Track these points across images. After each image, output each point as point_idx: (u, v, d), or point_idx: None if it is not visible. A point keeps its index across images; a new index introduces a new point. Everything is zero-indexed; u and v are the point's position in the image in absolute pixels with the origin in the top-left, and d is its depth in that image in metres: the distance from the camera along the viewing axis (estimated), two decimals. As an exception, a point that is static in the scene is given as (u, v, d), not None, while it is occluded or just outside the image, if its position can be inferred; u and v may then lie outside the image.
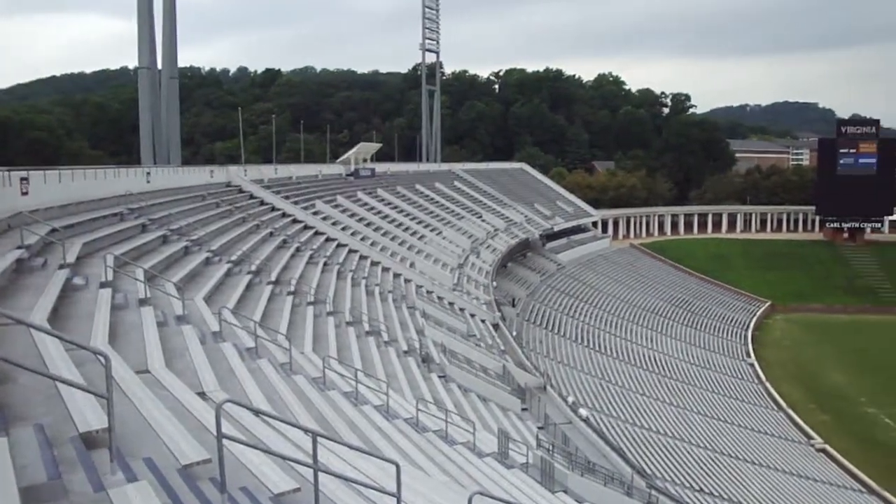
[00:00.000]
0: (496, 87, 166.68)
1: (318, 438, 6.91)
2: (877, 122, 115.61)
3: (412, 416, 19.11)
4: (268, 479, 7.36)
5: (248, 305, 22.94)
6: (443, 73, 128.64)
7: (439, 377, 28.76)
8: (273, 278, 28.15)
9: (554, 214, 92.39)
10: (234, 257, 28.39)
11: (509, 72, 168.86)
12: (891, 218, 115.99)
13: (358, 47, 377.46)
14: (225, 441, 6.32)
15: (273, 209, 44.76)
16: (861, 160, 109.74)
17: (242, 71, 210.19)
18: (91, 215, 23.61)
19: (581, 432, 31.53)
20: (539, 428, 28.98)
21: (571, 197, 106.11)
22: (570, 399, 38.07)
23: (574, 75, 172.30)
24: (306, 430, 7.83)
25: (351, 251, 44.05)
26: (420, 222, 62.07)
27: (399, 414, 18.75)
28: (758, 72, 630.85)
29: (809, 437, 50.83)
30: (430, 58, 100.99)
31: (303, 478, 7.51)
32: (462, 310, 44.82)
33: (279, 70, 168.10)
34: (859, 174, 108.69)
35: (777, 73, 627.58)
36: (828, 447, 48.86)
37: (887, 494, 41.58)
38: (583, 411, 35.74)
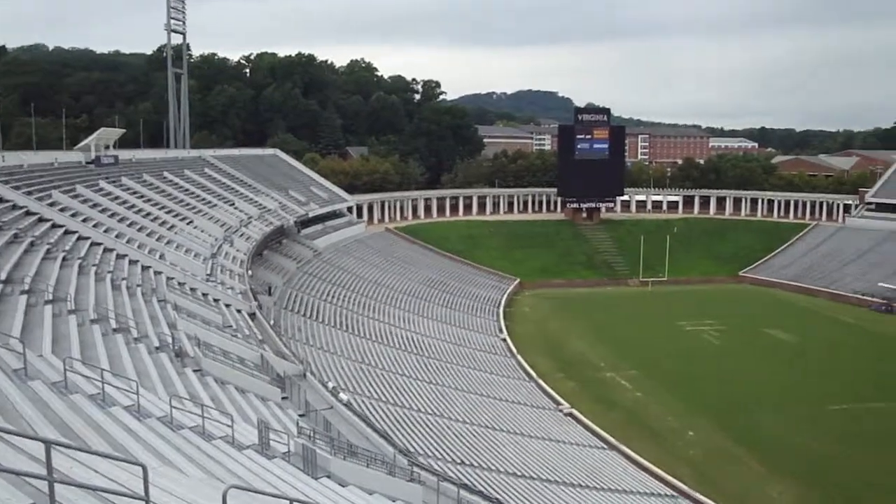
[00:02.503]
0: (247, 71, 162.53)
1: (60, 447, 6.38)
2: (608, 110, 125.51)
3: (166, 414, 18.26)
4: (-5, 497, 6.70)
5: (-27, 308, 20.87)
6: (190, 56, 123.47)
7: (194, 371, 27.69)
8: (3, 277, 25.76)
9: (309, 200, 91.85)
10: (-45, 255, 25.69)
11: (260, 56, 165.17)
12: (622, 198, 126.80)
13: (95, 26, 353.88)
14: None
15: (2, 201, 40.92)
16: (595, 145, 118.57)
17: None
18: None
19: (343, 417, 31.65)
20: (300, 415, 28.75)
21: (326, 183, 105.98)
22: (331, 384, 38.11)
23: (326, 60, 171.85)
24: (38, 439, 7.18)
25: (94, 244, 41.23)
26: (169, 211, 59.34)
27: (152, 413, 17.84)
28: (503, 62, 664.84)
29: (558, 404, 54.33)
30: (177, 39, 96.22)
31: (39, 492, 6.90)
32: (217, 300, 43.42)
33: (3, 46, 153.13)
34: (594, 158, 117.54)
35: (521, 64, 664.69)
36: (574, 411, 52.53)
37: (625, 448, 45.74)
38: (343, 396, 35.90)
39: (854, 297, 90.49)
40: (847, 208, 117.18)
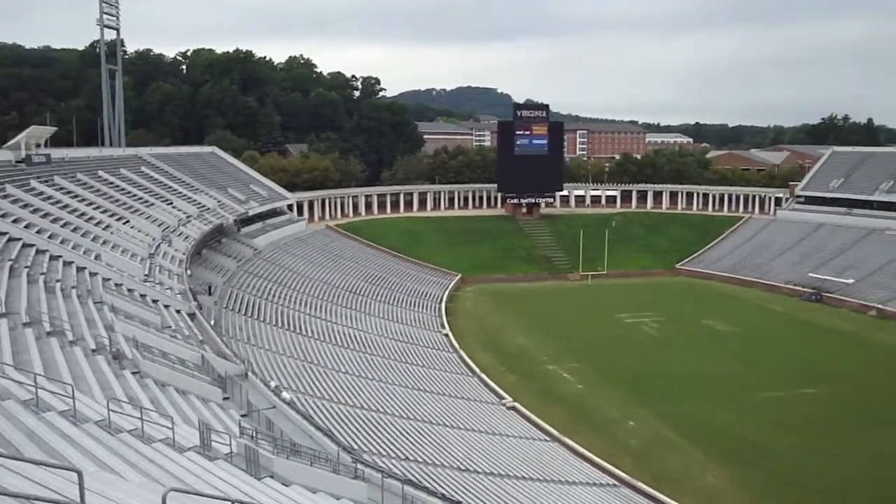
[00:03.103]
0: (183, 67, 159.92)
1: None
2: (546, 106, 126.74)
3: (104, 417, 17.96)
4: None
5: None
6: (125, 52, 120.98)
7: (133, 374, 27.24)
8: (-70, 280, 25.06)
9: (248, 199, 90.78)
10: None
11: (197, 52, 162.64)
12: (561, 193, 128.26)
13: (23, 20, 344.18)
14: None
15: (-73, 202, 39.72)
16: (535, 141, 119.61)
17: None
18: None
19: (286, 416, 31.45)
20: (242, 416, 28.50)
21: (265, 180, 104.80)
22: (273, 384, 37.81)
23: (265, 57, 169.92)
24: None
25: (26, 245, 40.23)
26: (105, 211, 58.16)
27: (89, 417, 17.55)
28: (442, 58, 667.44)
29: (501, 398, 54.69)
30: (110, 35, 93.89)
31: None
32: (155, 301, 42.74)
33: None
34: (533, 154, 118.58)
35: (460, 60, 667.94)
36: (517, 405, 52.97)
37: (567, 440, 46.40)
38: (286, 394, 35.65)
39: (786, 288, 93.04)
40: (778, 201, 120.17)
